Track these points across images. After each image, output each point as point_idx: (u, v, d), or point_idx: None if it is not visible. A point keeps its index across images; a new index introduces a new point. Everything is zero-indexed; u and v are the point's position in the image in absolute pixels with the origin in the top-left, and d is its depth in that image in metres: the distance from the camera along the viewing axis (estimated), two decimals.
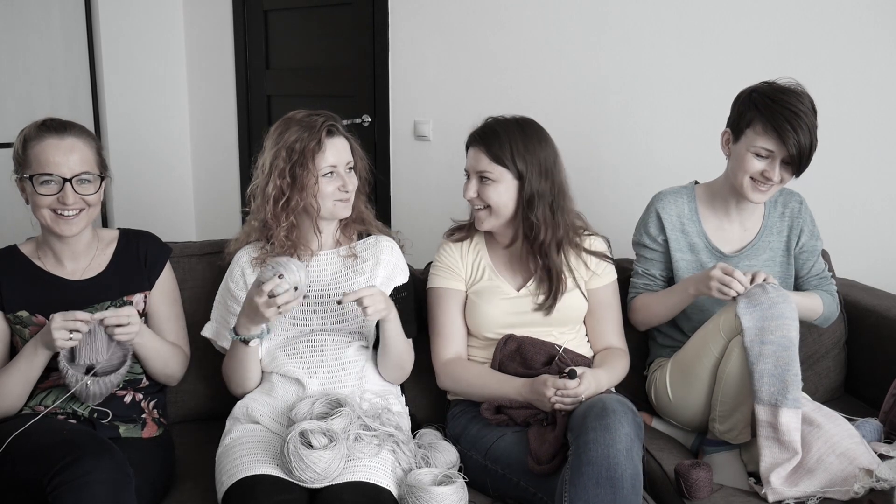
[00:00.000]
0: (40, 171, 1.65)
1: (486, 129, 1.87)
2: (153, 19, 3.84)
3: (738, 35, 2.43)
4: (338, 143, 1.80)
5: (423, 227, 2.66)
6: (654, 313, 1.99)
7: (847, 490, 1.60)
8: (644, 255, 2.05)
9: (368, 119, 3.33)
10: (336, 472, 1.55)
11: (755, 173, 1.86)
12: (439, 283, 1.93)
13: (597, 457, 1.49)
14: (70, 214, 1.67)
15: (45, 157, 1.65)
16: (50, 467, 1.40)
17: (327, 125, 1.78)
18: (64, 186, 1.66)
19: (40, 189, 1.65)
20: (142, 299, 1.81)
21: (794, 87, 1.85)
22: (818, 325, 2.03)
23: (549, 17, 2.77)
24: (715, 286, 1.77)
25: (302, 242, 1.84)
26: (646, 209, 2.05)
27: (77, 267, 1.77)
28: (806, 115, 1.80)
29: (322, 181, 1.77)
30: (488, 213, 1.86)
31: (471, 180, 1.86)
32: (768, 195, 1.90)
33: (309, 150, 1.75)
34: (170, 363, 1.80)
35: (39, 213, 1.68)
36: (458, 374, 1.87)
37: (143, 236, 1.88)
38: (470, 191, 1.86)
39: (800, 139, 1.78)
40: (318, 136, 1.76)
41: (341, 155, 1.80)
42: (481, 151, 1.84)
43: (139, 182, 3.85)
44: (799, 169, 1.84)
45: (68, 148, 1.67)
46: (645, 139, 2.64)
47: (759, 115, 1.83)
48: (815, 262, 2.03)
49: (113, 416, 1.72)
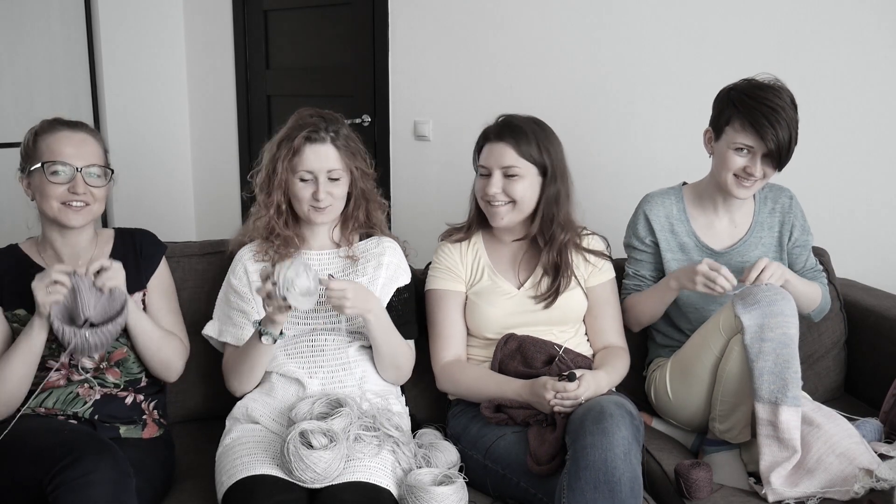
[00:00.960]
0: (53, 158, 1.67)
1: (509, 124, 1.86)
2: (153, 19, 3.84)
3: (738, 35, 2.43)
4: (320, 149, 1.78)
5: (423, 227, 2.65)
6: (641, 311, 1.99)
7: (847, 490, 1.60)
8: (634, 256, 2.06)
9: (368, 119, 3.33)
10: (336, 472, 1.55)
11: (737, 170, 1.87)
12: (439, 285, 1.93)
13: (594, 461, 1.49)
14: (78, 205, 1.69)
15: (58, 146, 1.68)
16: (50, 467, 1.39)
17: (308, 131, 1.77)
18: (75, 176, 1.68)
19: (52, 178, 1.67)
20: (139, 298, 1.80)
21: (772, 82, 1.86)
22: (812, 317, 2.03)
23: (548, 18, 2.77)
24: (700, 281, 1.78)
25: (299, 236, 1.86)
26: (634, 211, 2.07)
27: (77, 264, 1.76)
28: (784, 109, 1.81)
29: (298, 185, 1.79)
30: (511, 209, 1.85)
31: (493, 176, 1.85)
32: (752, 190, 1.91)
33: (290, 150, 1.77)
34: (163, 348, 1.77)
35: (48, 205, 1.69)
36: (457, 377, 1.87)
37: (138, 233, 1.88)
38: (494, 186, 1.84)
39: (778, 134, 1.79)
40: (299, 139, 1.77)
41: (321, 162, 1.78)
42: (508, 146, 1.83)
43: (139, 182, 3.85)
44: (780, 163, 1.85)
45: (80, 140, 1.71)
46: (644, 139, 2.64)
47: (736, 112, 1.84)
48: (808, 257, 2.04)
49: (113, 417, 1.72)
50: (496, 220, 1.87)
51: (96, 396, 1.71)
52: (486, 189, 1.85)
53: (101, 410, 1.70)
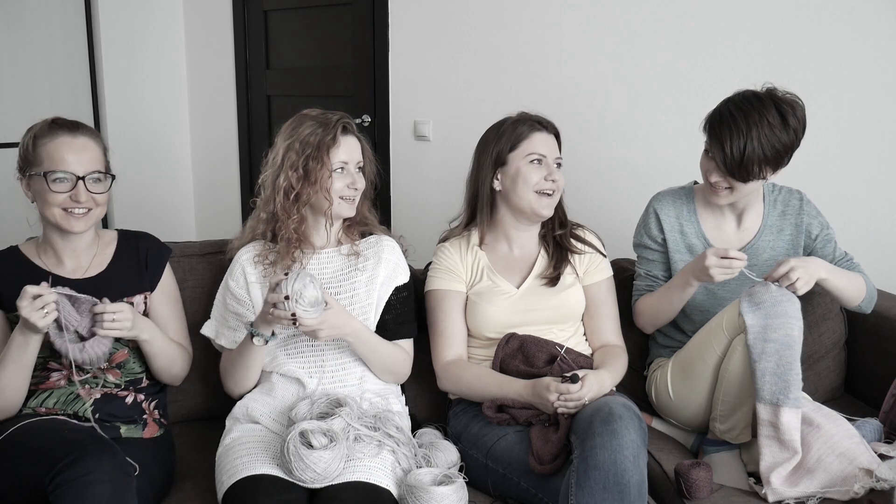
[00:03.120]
0: (54, 168, 1.65)
1: (545, 119, 1.94)
2: (153, 19, 3.84)
3: (739, 35, 2.43)
4: (351, 141, 1.82)
5: (423, 227, 2.66)
6: (659, 311, 1.97)
7: (847, 490, 1.60)
8: (646, 256, 2.05)
9: (368, 119, 3.33)
10: (336, 472, 1.55)
11: (705, 173, 1.88)
12: (440, 286, 1.93)
13: (603, 461, 1.49)
14: (80, 213, 1.68)
15: (59, 154, 1.66)
16: (51, 467, 1.39)
17: (343, 122, 1.81)
18: (77, 184, 1.66)
19: (54, 187, 1.65)
20: (142, 300, 1.80)
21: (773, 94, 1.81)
22: (862, 309, 1.97)
23: (548, 18, 2.77)
24: (717, 273, 1.77)
25: (306, 238, 1.85)
26: (644, 210, 2.05)
27: (78, 265, 1.76)
28: (755, 122, 1.76)
29: (334, 175, 1.78)
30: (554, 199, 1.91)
31: (550, 164, 1.89)
32: (725, 199, 1.89)
33: (324, 144, 1.76)
34: (176, 362, 1.80)
35: (49, 212, 1.68)
36: (459, 377, 1.87)
37: (143, 237, 1.87)
38: (556, 173, 1.89)
39: (729, 143, 1.77)
40: (335, 132, 1.78)
41: (353, 153, 1.82)
42: (556, 139, 1.94)
43: (139, 182, 3.86)
44: (734, 173, 1.80)
45: (81, 146, 1.69)
46: (645, 139, 2.64)
47: (710, 114, 1.85)
48: (836, 249, 1.99)
49: (114, 416, 1.72)
50: (547, 211, 1.91)
51: (97, 395, 1.71)
52: (543, 178, 1.88)
53: (101, 409, 1.70)
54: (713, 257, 1.77)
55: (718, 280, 1.78)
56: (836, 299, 1.93)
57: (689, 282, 1.87)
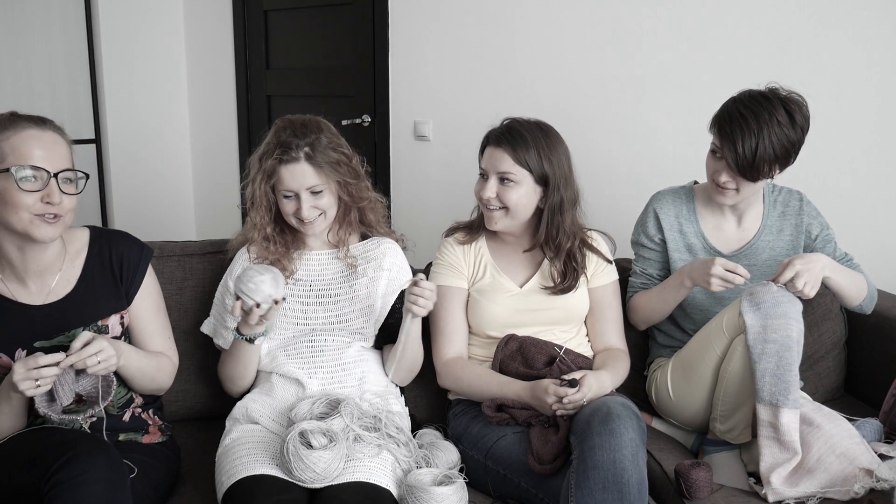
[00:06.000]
0: (22, 161, 1.44)
1: (510, 129, 1.83)
2: (153, 19, 3.84)
3: (740, 35, 2.43)
4: (295, 169, 1.72)
5: (423, 227, 2.66)
6: (653, 309, 1.98)
7: (847, 490, 1.60)
8: (642, 254, 2.05)
9: (368, 119, 3.33)
10: (336, 472, 1.55)
11: (713, 174, 1.87)
12: (442, 282, 1.92)
13: (602, 461, 1.49)
14: (51, 217, 1.48)
15: (28, 148, 1.45)
16: (45, 470, 1.35)
17: (279, 153, 1.72)
18: (49, 183, 1.46)
19: (23, 185, 1.44)
20: (118, 322, 1.64)
21: (778, 93, 1.81)
22: (863, 310, 1.98)
23: (549, 18, 2.77)
24: (717, 283, 1.77)
25: (297, 239, 1.86)
26: (644, 209, 2.05)
27: (43, 286, 1.58)
28: (764, 121, 1.76)
29: (282, 201, 1.78)
30: (504, 214, 1.84)
31: (489, 180, 1.83)
32: (732, 199, 1.89)
33: (266, 173, 1.75)
34: (157, 378, 1.68)
35: (16, 216, 1.46)
36: (459, 374, 1.87)
37: (115, 240, 1.67)
38: (488, 190, 1.82)
39: (741, 142, 1.76)
40: (272, 162, 1.73)
41: (298, 181, 1.73)
42: (505, 152, 1.80)
43: (139, 182, 3.86)
44: (746, 174, 1.80)
45: (51, 141, 1.49)
46: (646, 139, 2.64)
47: (717, 114, 1.85)
48: (835, 249, 2.00)
49: (116, 430, 1.65)
50: (490, 224, 1.87)
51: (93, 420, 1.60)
52: (480, 192, 1.85)
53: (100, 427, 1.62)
54: (720, 268, 1.77)
55: (714, 289, 1.78)
56: (838, 298, 1.93)
57: (685, 283, 1.88)
